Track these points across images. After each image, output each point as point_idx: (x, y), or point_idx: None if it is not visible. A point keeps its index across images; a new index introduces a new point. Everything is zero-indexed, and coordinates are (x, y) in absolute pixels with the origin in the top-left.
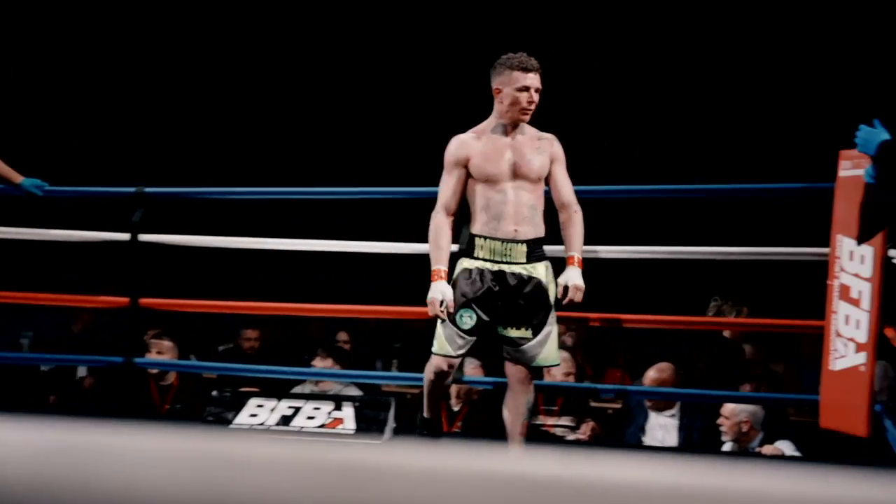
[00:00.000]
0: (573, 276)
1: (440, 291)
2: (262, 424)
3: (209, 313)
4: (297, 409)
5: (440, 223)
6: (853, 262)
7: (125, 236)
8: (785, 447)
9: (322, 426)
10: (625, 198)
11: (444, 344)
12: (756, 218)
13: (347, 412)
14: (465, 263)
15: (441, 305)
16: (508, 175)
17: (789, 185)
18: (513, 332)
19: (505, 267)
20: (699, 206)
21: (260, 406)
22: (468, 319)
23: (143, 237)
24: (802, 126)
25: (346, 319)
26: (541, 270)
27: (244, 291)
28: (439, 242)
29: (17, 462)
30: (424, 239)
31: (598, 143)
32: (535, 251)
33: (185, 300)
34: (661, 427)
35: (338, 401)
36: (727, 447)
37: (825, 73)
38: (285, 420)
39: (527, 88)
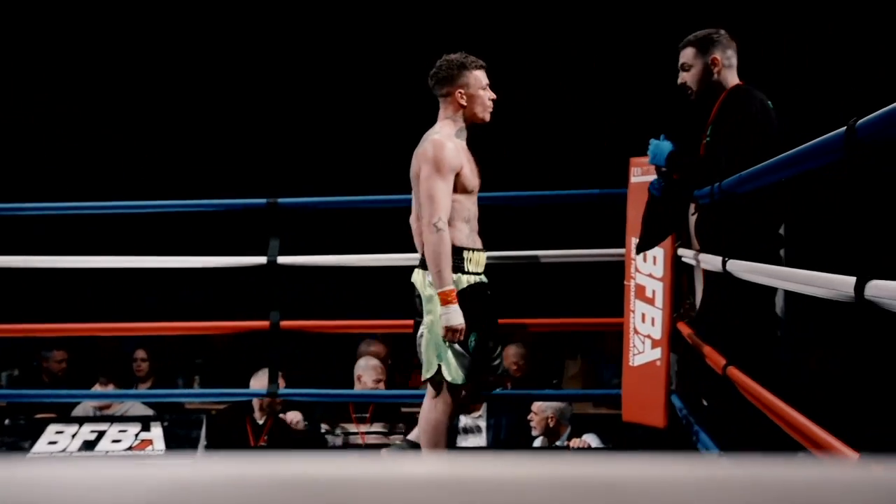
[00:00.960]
0: None
1: (462, 316)
2: (63, 451)
3: None
4: (102, 433)
5: (447, 238)
6: (647, 264)
7: None
8: (591, 440)
9: (129, 449)
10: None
11: (459, 372)
12: (558, 222)
13: (156, 432)
14: (464, 279)
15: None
16: (478, 185)
17: (587, 190)
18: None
19: (484, 278)
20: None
21: (59, 432)
22: (472, 341)
23: None
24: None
25: (143, 336)
26: None
27: (28, 312)
28: (448, 259)
29: None
30: (221, 253)
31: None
32: None
33: None
34: (471, 429)
35: (145, 421)
36: (538, 443)
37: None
38: (88, 445)
39: (488, 86)
